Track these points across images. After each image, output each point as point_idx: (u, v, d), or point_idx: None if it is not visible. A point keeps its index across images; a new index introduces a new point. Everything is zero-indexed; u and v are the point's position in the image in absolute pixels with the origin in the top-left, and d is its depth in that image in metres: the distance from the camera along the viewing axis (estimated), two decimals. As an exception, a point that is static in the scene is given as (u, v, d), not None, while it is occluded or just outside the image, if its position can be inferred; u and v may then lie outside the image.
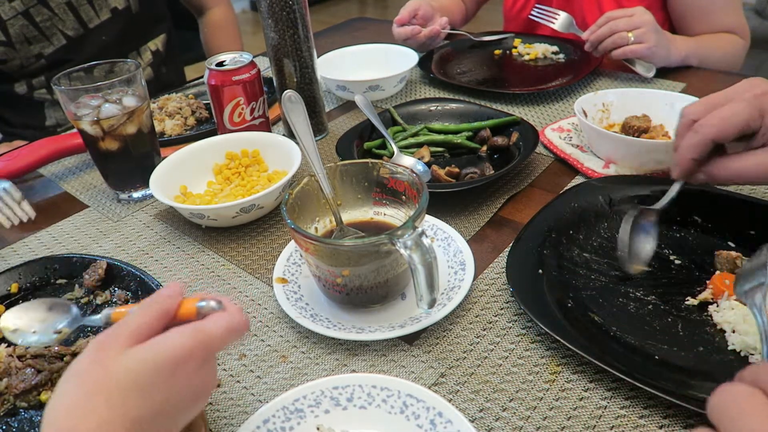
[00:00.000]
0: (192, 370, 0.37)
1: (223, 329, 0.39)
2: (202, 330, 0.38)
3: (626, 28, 1.00)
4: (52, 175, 0.93)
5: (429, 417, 0.45)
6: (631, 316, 0.56)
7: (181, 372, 0.36)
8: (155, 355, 0.36)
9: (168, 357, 0.36)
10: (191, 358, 0.36)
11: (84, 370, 0.36)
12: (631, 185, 0.72)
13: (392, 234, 0.51)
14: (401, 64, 1.08)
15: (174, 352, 0.36)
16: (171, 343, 0.36)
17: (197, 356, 0.37)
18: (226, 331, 0.39)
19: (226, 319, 0.39)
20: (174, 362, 0.36)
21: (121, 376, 0.35)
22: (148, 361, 0.35)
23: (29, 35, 1.17)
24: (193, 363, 0.37)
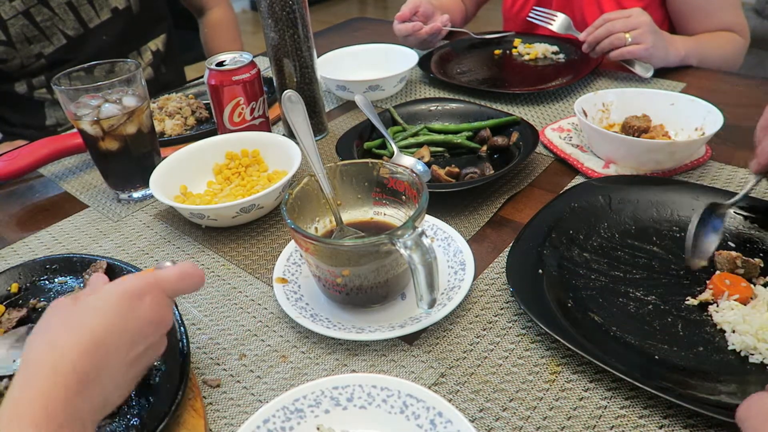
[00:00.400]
0: (148, 306, 0.43)
1: (174, 274, 0.46)
2: (155, 274, 0.46)
3: (623, 29, 1.01)
4: (52, 175, 0.93)
5: (429, 417, 0.45)
6: (631, 316, 0.56)
7: (137, 304, 0.42)
8: (116, 288, 0.43)
9: (126, 290, 0.43)
10: (146, 294, 0.43)
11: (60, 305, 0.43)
12: (631, 185, 0.72)
13: (392, 234, 0.51)
14: (401, 64, 1.08)
15: (131, 287, 0.43)
16: (129, 281, 0.44)
17: (152, 293, 0.44)
18: (176, 275, 0.46)
19: (177, 267, 0.47)
20: (131, 295, 0.42)
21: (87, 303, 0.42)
22: (109, 293, 0.42)
23: (29, 35, 1.17)
24: (148, 299, 0.43)
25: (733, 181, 0.77)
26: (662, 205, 0.69)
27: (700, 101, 0.81)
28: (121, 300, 0.42)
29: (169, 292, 0.46)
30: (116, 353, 0.41)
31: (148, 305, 0.43)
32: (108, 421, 0.49)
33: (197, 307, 0.63)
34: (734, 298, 0.55)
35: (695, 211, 0.61)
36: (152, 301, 0.43)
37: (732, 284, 0.57)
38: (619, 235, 0.66)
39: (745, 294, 0.55)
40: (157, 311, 0.44)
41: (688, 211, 0.68)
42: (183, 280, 0.46)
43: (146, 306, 0.43)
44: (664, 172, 0.78)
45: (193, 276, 0.47)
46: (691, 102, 0.82)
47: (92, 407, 0.39)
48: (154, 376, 0.52)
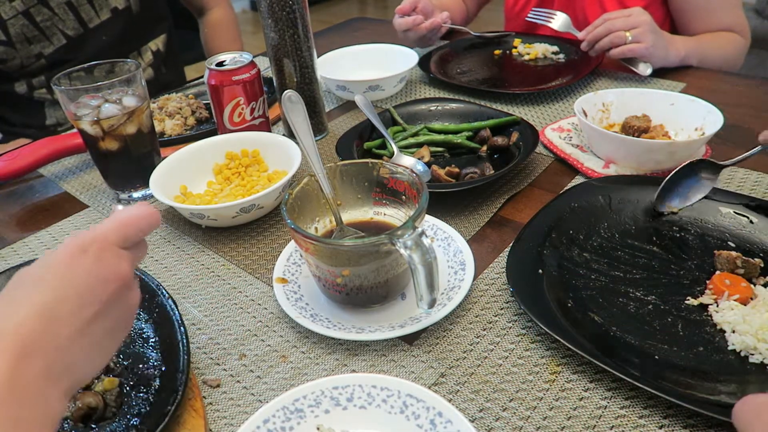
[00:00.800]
0: (90, 262, 0.38)
1: (118, 221, 0.41)
2: (99, 225, 0.41)
3: (623, 27, 1.01)
4: (52, 175, 0.93)
5: (429, 417, 0.45)
6: (631, 316, 0.56)
7: (77, 263, 0.38)
8: (55, 251, 0.38)
9: (64, 251, 0.38)
10: (86, 249, 0.38)
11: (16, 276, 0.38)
12: (631, 185, 0.72)
13: (392, 234, 0.51)
14: (401, 64, 1.08)
15: (69, 246, 0.38)
16: (67, 240, 0.39)
17: (93, 247, 0.38)
18: (119, 221, 0.41)
19: (122, 213, 0.41)
20: (69, 255, 0.38)
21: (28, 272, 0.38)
22: (48, 257, 0.38)
23: (29, 35, 1.17)
24: (90, 254, 0.38)
25: (733, 181, 0.77)
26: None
27: (700, 101, 0.81)
28: (59, 263, 0.37)
29: (116, 242, 0.40)
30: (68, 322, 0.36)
31: (91, 261, 0.38)
32: (108, 421, 0.49)
33: (197, 307, 0.63)
34: (734, 298, 0.55)
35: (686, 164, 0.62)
36: (95, 256, 0.38)
37: (732, 284, 0.57)
38: (619, 235, 0.67)
39: (745, 294, 0.55)
40: (105, 265, 0.38)
41: (688, 211, 0.68)
42: (128, 224, 0.41)
43: (89, 262, 0.38)
44: (664, 172, 0.78)
45: (141, 216, 0.41)
46: (691, 102, 0.82)
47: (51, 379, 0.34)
48: (154, 376, 0.52)
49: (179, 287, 0.66)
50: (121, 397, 0.51)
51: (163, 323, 0.57)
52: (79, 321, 0.37)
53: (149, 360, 0.54)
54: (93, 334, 0.38)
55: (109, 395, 0.50)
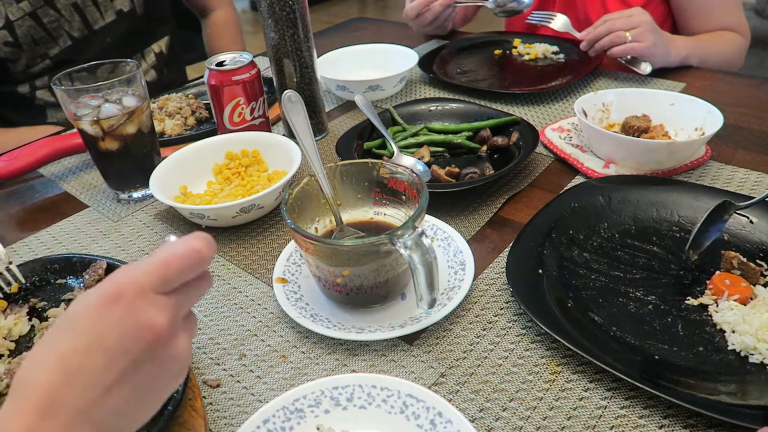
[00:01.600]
0: (122, 309, 0.34)
1: (156, 263, 0.36)
2: (134, 267, 0.36)
3: (624, 27, 1.01)
4: (52, 175, 0.93)
5: (429, 417, 0.45)
6: (631, 316, 0.56)
7: (109, 311, 0.34)
8: (87, 296, 0.35)
9: (95, 300, 0.34)
10: (120, 297, 0.34)
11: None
12: (631, 185, 0.72)
13: (392, 234, 0.51)
14: (401, 64, 1.08)
15: (100, 295, 0.35)
16: (102, 284, 0.35)
17: (127, 293, 0.34)
18: (159, 264, 0.36)
19: (162, 251, 0.36)
20: (100, 305, 0.34)
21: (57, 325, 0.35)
22: (79, 302, 0.35)
23: (36, 36, 1.17)
24: (123, 301, 0.34)
25: (733, 181, 0.77)
26: (662, 205, 0.69)
27: (700, 101, 0.81)
28: (90, 312, 0.34)
29: (153, 287, 0.35)
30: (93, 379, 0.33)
31: (122, 312, 0.34)
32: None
33: (197, 307, 0.63)
34: (734, 298, 0.55)
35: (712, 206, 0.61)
36: (127, 306, 0.34)
37: (732, 284, 0.56)
38: (619, 235, 0.67)
39: (745, 294, 0.55)
40: (137, 318, 0.34)
41: (688, 211, 0.68)
42: (170, 264, 0.36)
43: (119, 314, 0.34)
44: (664, 172, 0.78)
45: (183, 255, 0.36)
46: (691, 102, 0.82)
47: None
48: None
49: (179, 287, 0.66)
50: (121, 397, 0.50)
51: (163, 323, 0.57)
52: (107, 378, 0.34)
53: (149, 360, 0.54)
54: (127, 391, 0.35)
55: (109, 395, 0.50)
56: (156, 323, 0.35)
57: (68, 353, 0.33)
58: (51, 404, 0.32)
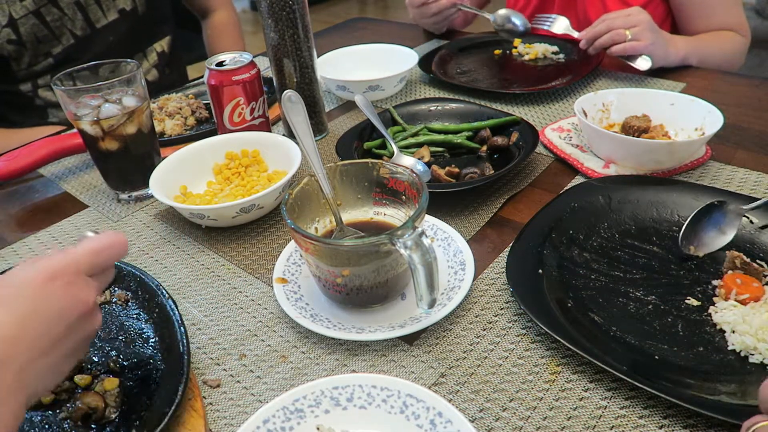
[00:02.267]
0: (60, 290, 0.40)
1: (87, 250, 0.43)
2: (69, 252, 0.43)
3: (623, 26, 1.02)
4: (52, 175, 0.93)
5: (429, 417, 0.45)
6: (631, 316, 0.56)
7: (48, 291, 0.40)
8: (24, 273, 0.40)
9: (36, 277, 0.40)
10: (57, 277, 0.40)
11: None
12: (631, 185, 0.72)
13: (392, 234, 0.51)
14: (401, 64, 1.08)
15: (41, 272, 0.40)
16: (39, 264, 0.41)
17: (63, 276, 0.41)
18: (89, 251, 0.43)
19: (93, 241, 0.44)
20: (41, 281, 0.40)
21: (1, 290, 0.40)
22: (20, 282, 0.40)
23: (39, 34, 1.17)
24: (59, 282, 0.40)
25: (733, 181, 0.77)
26: (662, 205, 0.69)
27: (700, 101, 0.81)
28: (30, 287, 0.40)
29: (86, 270, 0.43)
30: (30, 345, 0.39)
31: (60, 289, 0.40)
32: (108, 421, 0.49)
33: (197, 307, 0.63)
34: (743, 297, 0.55)
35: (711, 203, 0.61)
36: (65, 284, 0.41)
37: (743, 284, 0.56)
38: (619, 235, 0.67)
39: (755, 294, 0.55)
40: (72, 294, 0.41)
41: (688, 211, 0.68)
42: (98, 254, 0.44)
43: (58, 290, 0.40)
44: (664, 172, 0.78)
45: (111, 246, 0.45)
46: (691, 102, 0.82)
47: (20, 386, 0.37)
48: (155, 376, 0.52)
49: (179, 287, 0.66)
50: (121, 397, 0.51)
51: (163, 323, 0.57)
52: (43, 343, 0.39)
53: (149, 360, 0.54)
54: (53, 356, 0.41)
55: (109, 395, 0.50)
56: (87, 299, 0.42)
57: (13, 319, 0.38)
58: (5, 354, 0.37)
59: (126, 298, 0.62)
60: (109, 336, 0.57)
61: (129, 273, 0.63)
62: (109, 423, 0.49)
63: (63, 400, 0.51)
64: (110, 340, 0.57)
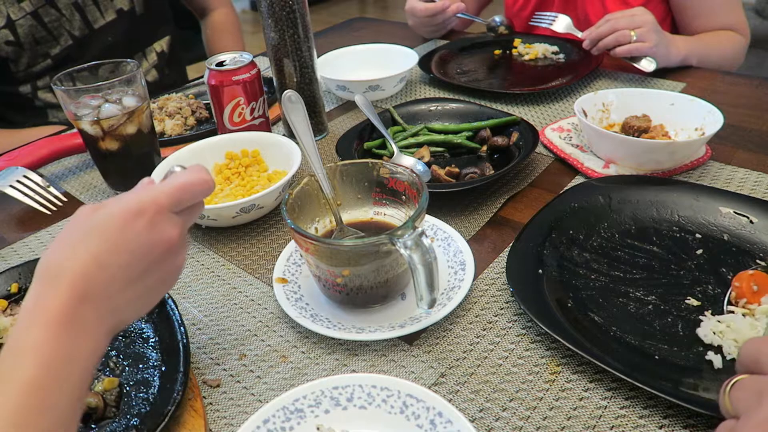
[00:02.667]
0: (144, 226, 0.41)
1: (174, 186, 0.43)
2: (154, 188, 0.43)
3: (627, 26, 1.01)
4: (52, 175, 0.93)
5: (429, 417, 0.45)
6: (631, 316, 0.56)
7: (133, 225, 0.41)
8: (113, 208, 0.41)
9: (122, 210, 0.41)
10: (142, 212, 0.41)
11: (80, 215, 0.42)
12: (631, 185, 0.72)
13: (392, 234, 0.51)
14: (401, 64, 1.08)
15: (127, 207, 0.41)
16: (126, 199, 0.42)
17: (149, 210, 0.42)
18: (176, 188, 0.43)
19: (178, 177, 0.44)
20: (126, 216, 0.41)
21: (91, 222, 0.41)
22: (108, 214, 0.41)
23: (38, 35, 1.17)
24: (145, 216, 0.41)
25: (733, 181, 0.77)
26: (662, 205, 0.69)
27: (700, 101, 0.81)
28: (117, 220, 0.41)
29: (170, 207, 0.43)
30: (119, 274, 0.40)
31: (145, 226, 0.41)
32: (108, 421, 0.49)
33: (197, 307, 0.63)
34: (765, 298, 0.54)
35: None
36: (149, 221, 0.41)
37: (761, 289, 0.54)
38: (619, 235, 0.67)
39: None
40: (157, 231, 0.42)
41: (688, 211, 0.68)
42: (184, 190, 0.44)
43: (142, 227, 0.41)
44: (664, 172, 0.78)
45: (197, 183, 0.45)
46: (691, 102, 0.82)
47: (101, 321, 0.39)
48: (154, 376, 0.52)
49: (179, 287, 0.66)
50: (121, 397, 0.51)
51: (163, 323, 0.57)
52: (129, 274, 0.41)
53: (149, 360, 0.54)
54: (139, 288, 0.42)
55: (109, 395, 0.50)
56: (171, 236, 0.43)
57: (98, 251, 0.39)
58: (86, 290, 0.38)
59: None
60: (109, 336, 0.57)
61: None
62: (109, 423, 0.49)
63: (63, 400, 0.50)
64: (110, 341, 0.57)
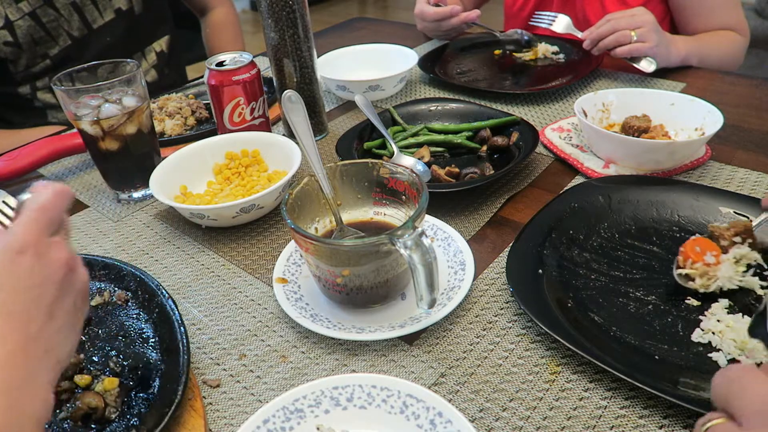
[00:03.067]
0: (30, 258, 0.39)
1: (35, 211, 0.41)
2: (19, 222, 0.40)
3: (628, 26, 1.01)
4: (52, 175, 0.93)
5: (429, 417, 0.45)
6: (631, 316, 0.56)
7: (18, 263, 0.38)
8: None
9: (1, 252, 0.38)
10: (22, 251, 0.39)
11: None
12: (631, 185, 0.72)
13: (392, 234, 0.51)
14: (401, 64, 1.08)
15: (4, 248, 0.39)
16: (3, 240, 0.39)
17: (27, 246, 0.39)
18: (39, 211, 0.41)
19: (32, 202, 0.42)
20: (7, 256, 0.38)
21: None
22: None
23: (36, 36, 1.17)
24: (28, 253, 0.39)
25: (733, 181, 0.77)
26: (662, 205, 0.69)
27: (700, 101, 0.81)
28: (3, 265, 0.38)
29: (45, 231, 0.41)
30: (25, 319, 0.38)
31: (32, 260, 0.39)
32: (108, 421, 0.49)
33: (197, 307, 0.63)
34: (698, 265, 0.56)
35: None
36: (34, 254, 0.39)
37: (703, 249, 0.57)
38: (619, 235, 0.67)
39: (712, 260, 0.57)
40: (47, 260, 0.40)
41: (688, 211, 0.68)
42: (48, 209, 0.42)
43: (30, 262, 0.39)
44: (664, 172, 0.78)
45: (56, 197, 0.42)
46: (691, 102, 0.82)
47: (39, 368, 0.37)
48: (154, 376, 0.52)
49: (179, 287, 0.66)
50: (121, 397, 0.51)
51: (163, 323, 0.57)
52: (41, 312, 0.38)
53: (149, 360, 0.54)
54: (59, 316, 0.40)
55: (109, 395, 0.50)
56: (62, 256, 0.41)
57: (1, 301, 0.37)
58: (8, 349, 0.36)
59: (126, 298, 0.62)
60: (109, 336, 0.58)
61: (129, 273, 0.63)
62: (109, 423, 0.49)
63: (63, 400, 0.51)
64: (110, 340, 0.57)
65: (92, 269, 0.65)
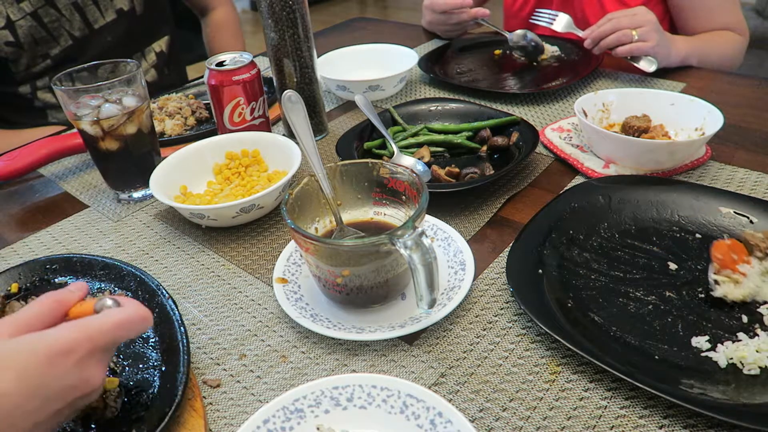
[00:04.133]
0: (72, 364, 0.38)
1: (111, 324, 0.40)
2: (88, 324, 0.39)
3: (629, 26, 1.01)
4: (52, 175, 0.93)
5: (429, 417, 0.45)
6: (631, 316, 0.56)
7: (59, 363, 0.37)
8: (36, 342, 0.38)
9: (47, 346, 0.37)
10: (72, 351, 0.38)
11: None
12: (631, 185, 0.72)
13: (392, 234, 0.51)
14: (401, 64, 1.08)
15: (54, 343, 0.38)
16: (54, 333, 0.38)
17: (80, 350, 0.38)
18: (114, 326, 0.40)
19: (116, 314, 0.41)
20: (52, 352, 0.37)
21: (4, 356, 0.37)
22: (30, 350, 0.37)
23: (37, 36, 1.17)
24: (75, 356, 0.38)
25: (733, 181, 0.77)
26: (662, 205, 0.69)
27: (700, 101, 0.81)
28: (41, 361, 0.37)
29: (103, 346, 0.40)
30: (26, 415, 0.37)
31: (71, 368, 0.38)
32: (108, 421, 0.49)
33: (197, 307, 0.63)
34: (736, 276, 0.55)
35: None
36: (79, 361, 0.38)
37: (739, 257, 0.56)
38: (619, 235, 0.67)
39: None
40: (84, 372, 0.39)
41: (688, 211, 0.68)
42: (121, 328, 0.41)
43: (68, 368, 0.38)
44: (664, 172, 0.78)
45: (134, 321, 0.41)
46: (691, 102, 0.82)
47: None
48: (155, 376, 0.52)
49: (179, 287, 0.66)
50: (121, 397, 0.51)
51: (163, 323, 0.57)
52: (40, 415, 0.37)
53: (149, 360, 0.54)
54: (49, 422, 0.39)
55: (109, 395, 0.50)
56: (95, 380, 0.40)
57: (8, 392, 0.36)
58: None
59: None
60: (109, 336, 0.57)
61: (129, 273, 0.63)
62: (109, 423, 0.49)
63: (63, 400, 0.50)
64: (110, 340, 0.57)
65: (92, 269, 0.65)
